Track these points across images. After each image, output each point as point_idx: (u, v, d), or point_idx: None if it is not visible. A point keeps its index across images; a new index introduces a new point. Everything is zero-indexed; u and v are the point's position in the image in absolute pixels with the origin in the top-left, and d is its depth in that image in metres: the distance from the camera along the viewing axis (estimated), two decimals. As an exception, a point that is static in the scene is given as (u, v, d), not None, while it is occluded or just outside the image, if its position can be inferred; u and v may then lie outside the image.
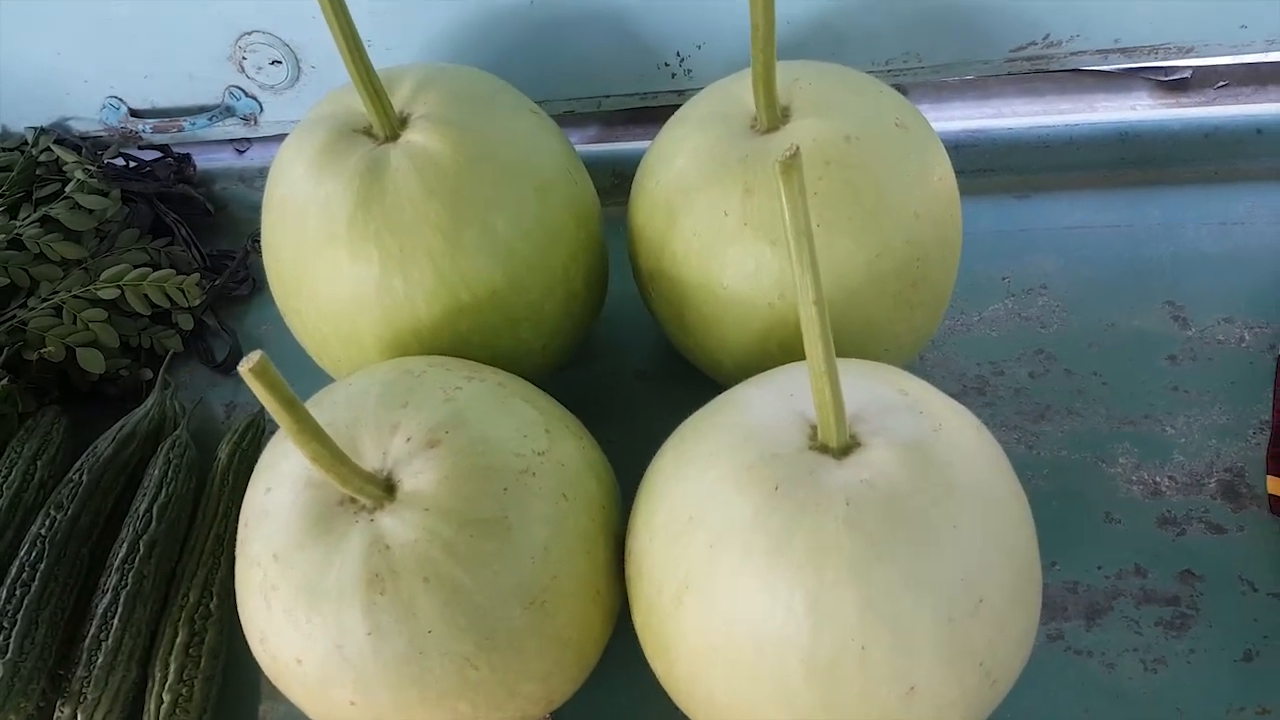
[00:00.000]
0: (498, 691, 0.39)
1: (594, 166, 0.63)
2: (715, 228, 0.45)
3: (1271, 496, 0.49)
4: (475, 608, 0.37)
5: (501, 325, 0.48)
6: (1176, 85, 0.67)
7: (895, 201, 0.45)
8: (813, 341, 0.35)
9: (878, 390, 0.39)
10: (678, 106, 0.51)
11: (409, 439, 0.39)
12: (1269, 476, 0.50)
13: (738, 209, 0.45)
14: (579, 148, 0.66)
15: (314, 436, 0.35)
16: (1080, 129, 0.61)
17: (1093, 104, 0.63)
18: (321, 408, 0.41)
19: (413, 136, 0.46)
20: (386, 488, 0.38)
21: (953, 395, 0.53)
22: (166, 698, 0.47)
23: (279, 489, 0.40)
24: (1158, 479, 0.51)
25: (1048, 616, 0.47)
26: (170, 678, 0.47)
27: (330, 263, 0.46)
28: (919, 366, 0.55)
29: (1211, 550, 0.48)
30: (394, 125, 0.46)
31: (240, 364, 0.32)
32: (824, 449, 0.37)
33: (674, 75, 0.60)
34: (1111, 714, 0.44)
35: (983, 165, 0.61)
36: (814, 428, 0.38)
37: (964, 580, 0.35)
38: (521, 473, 0.39)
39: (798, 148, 0.33)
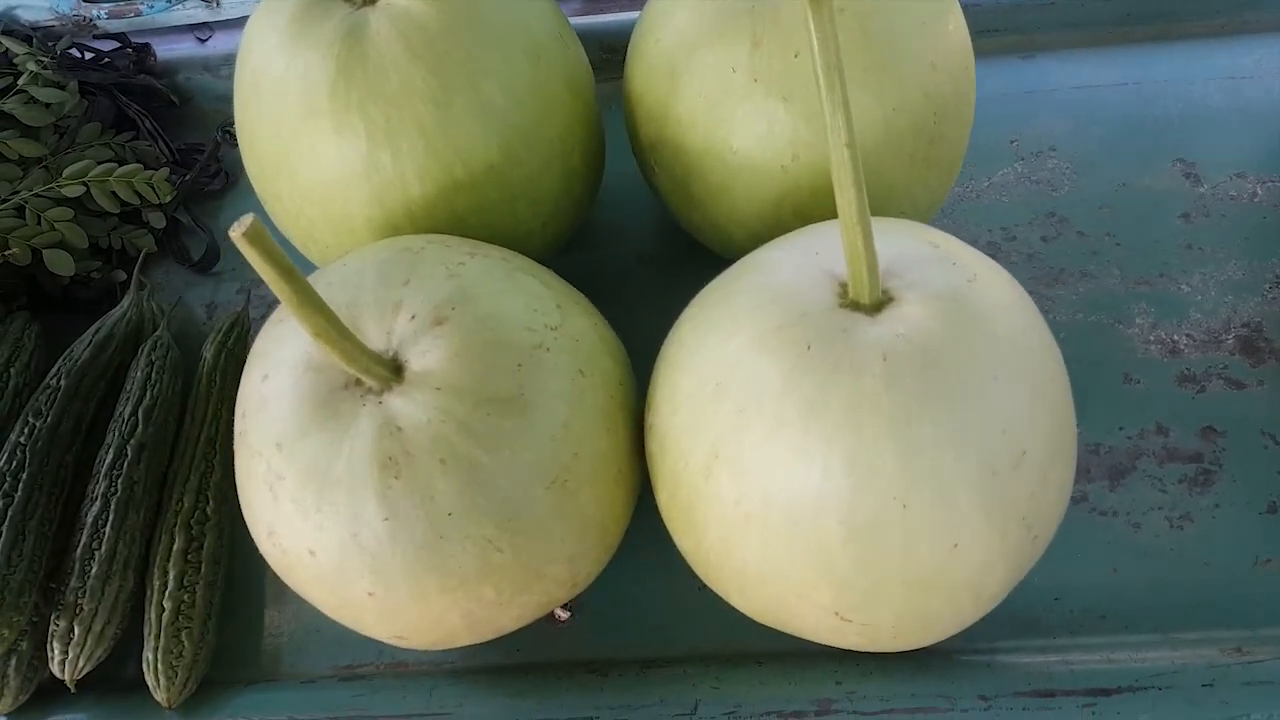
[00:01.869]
0: (522, 574, 0.38)
1: (582, 39, 0.60)
2: (722, 86, 0.43)
3: (1289, 350, 0.49)
4: (496, 488, 0.36)
5: (499, 202, 0.45)
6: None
7: (911, 51, 0.42)
8: (844, 189, 0.33)
9: (908, 244, 0.37)
10: None
11: (413, 317, 0.37)
12: (1287, 330, 0.49)
13: (746, 64, 0.42)
14: (566, 20, 0.63)
15: (316, 309, 0.33)
16: (1088, -17, 0.59)
17: (1097, -42, 0.60)
18: (318, 288, 0.39)
19: (393, -1, 0.43)
20: (393, 369, 0.36)
21: (965, 263, 0.53)
22: (168, 605, 0.45)
23: (277, 375, 0.38)
24: (1175, 337, 0.50)
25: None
26: (170, 585, 0.46)
27: (312, 139, 0.43)
28: (929, 236, 0.54)
29: (1232, 406, 0.48)
30: (371, -14, 0.43)
31: (231, 229, 0.30)
32: (855, 306, 0.35)
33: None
34: (1139, 572, 0.44)
35: (987, 25, 0.58)
36: (843, 285, 0.36)
37: (1005, 432, 0.34)
38: (535, 348, 0.38)
39: (828, -24, 0.30)
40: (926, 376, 0.33)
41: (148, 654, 0.45)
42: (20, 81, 0.56)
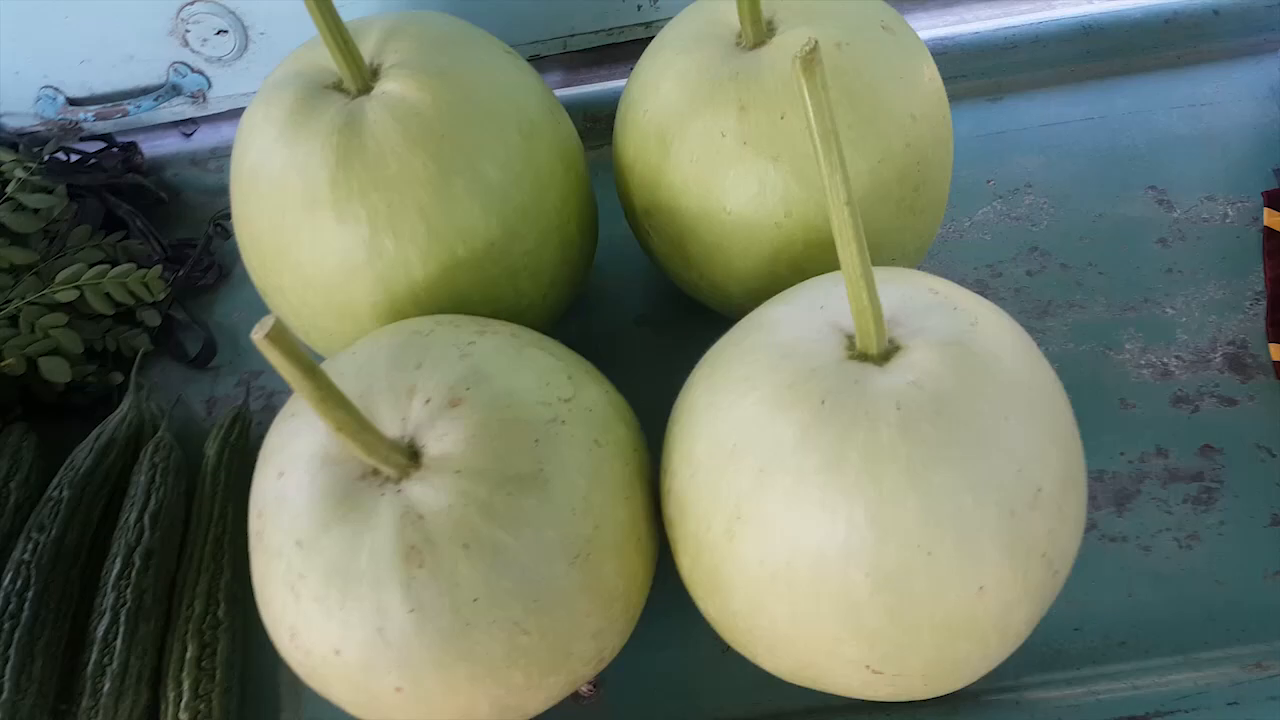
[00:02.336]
0: (549, 655, 0.37)
1: (566, 111, 0.61)
2: (713, 151, 0.44)
3: (1276, 363, 0.50)
4: (521, 568, 0.35)
5: (501, 278, 0.46)
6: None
7: (892, 105, 0.44)
8: (846, 244, 0.34)
9: (908, 292, 0.38)
10: (647, 40, 0.49)
11: (428, 401, 0.37)
12: (1271, 344, 0.50)
13: (735, 129, 0.43)
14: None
15: (338, 404, 0.33)
16: (1044, 26, 0.61)
17: (1051, 1, 0.62)
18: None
19: (387, 86, 0.44)
20: (410, 455, 0.36)
21: (955, 302, 0.54)
22: (184, 717, 0.44)
23: (293, 471, 0.38)
24: (1165, 360, 0.51)
25: (1079, 508, 0.47)
26: (185, 695, 0.44)
27: (314, 229, 0.43)
28: (917, 278, 0.55)
29: (1227, 422, 0.49)
30: (365, 77, 0.44)
31: (253, 331, 0.30)
32: (864, 357, 0.36)
33: (640, 7, 0.58)
34: (1154, 595, 0.45)
35: (954, 72, 0.60)
36: (849, 337, 0.37)
37: (1021, 472, 0.34)
38: (550, 422, 0.38)
39: (816, 41, 0.32)
40: (941, 423, 0.34)
41: (168, 769, 0.44)
42: (9, 189, 0.56)
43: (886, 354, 0.36)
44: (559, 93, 0.63)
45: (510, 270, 0.46)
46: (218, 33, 0.57)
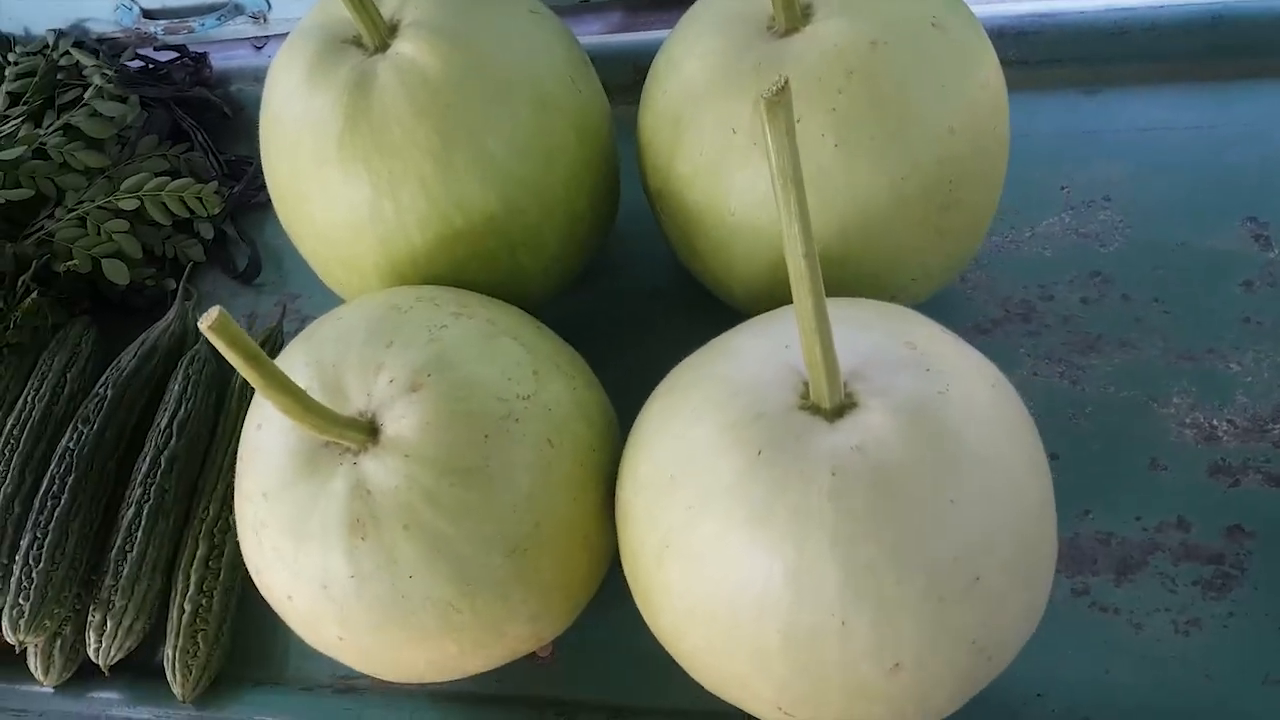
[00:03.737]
0: (483, 634, 0.39)
1: (614, 60, 0.59)
2: (722, 147, 0.41)
3: (1344, 445, 0.45)
4: (456, 555, 0.37)
5: (499, 250, 0.45)
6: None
7: (927, 116, 0.40)
8: (802, 298, 0.32)
9: (882, 343, 0.35)
10: None
11: (392, 381, 0.38)
12: (1345, 423, 0.45)
13: (747, 126, 0.41)
14: (597, 38, 0.61)
15: (281, 389, 0.34)
16: (1165, 11, 0.53)
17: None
18: (312, 342, 0.41)
19: (402, 47, 0.43)
20: (370, 430, 0.38)
21: (994, 321, 0.50)
22: (187, 608, 0.48)
23: (268, 426, 0.40)
24: (1214, 422, 0.46)
25: (1074, 569, 0.44)
26: (190, 589, 0.49)
27: (323, 184, 0.44)
28: (958, 288, 0.51)
29: (1267, 505, 0.44)
30: (383, 34, 0.43)
31: (200, 321, 0.31)
32: (815, 409, 0.34)
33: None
34: (1135, 677, 0.42)
35: (1048, 55, 0.54)
36: (806, 384, 0.35)
37: (957, 559, 0.32)
38: (504, 419, 0.38)
39: (786, 81, 0.29)
40: (874, 496, 0.32)
41: (167, 651, 0.48)
42: (86, 95, 0.59)
43: (840, 409, 0.34)
44: (612, 37, 0.61)
45: (509, 244, 0.45)
46: (279, -45, 0.57)
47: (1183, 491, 0.45)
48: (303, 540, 0.37)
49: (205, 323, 0.31)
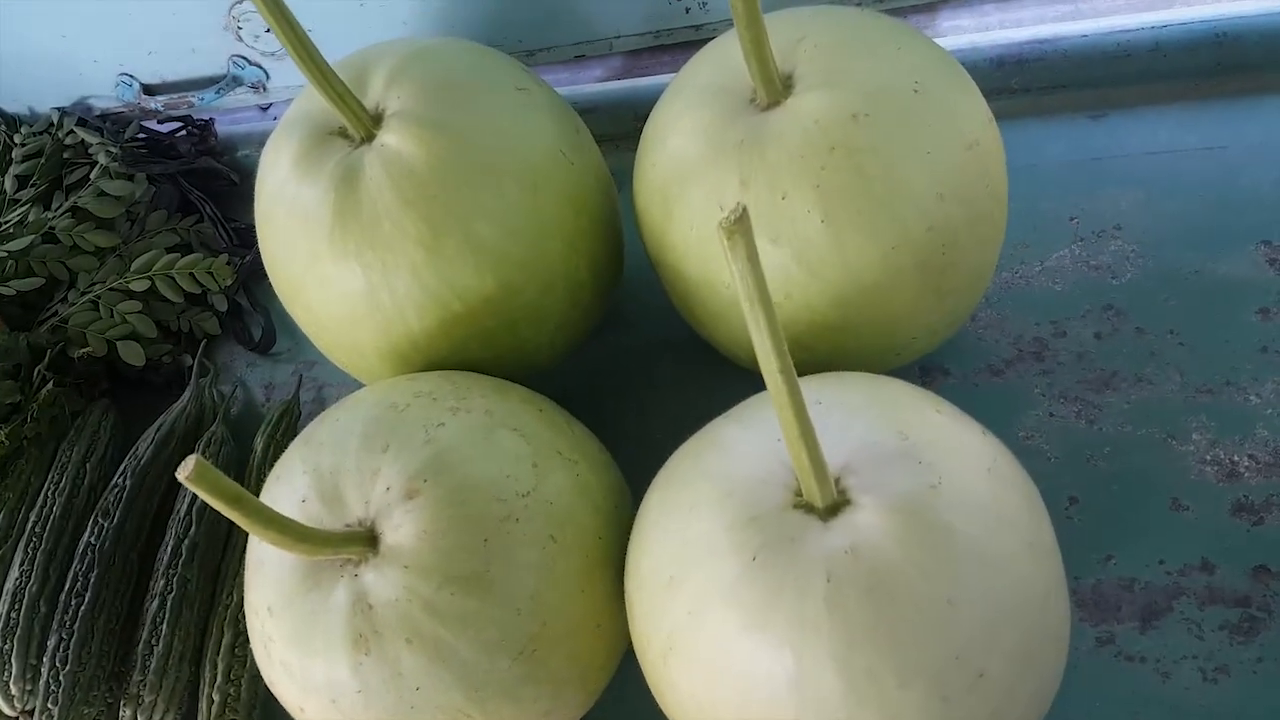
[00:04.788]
0: (498, 730, 0.39)
1: (614, 108, 0.58)
2: (712, 222, 0.41)
3: (1373, 479, 0.43)
4: (461, 663, 0.37)
5: (499, 329, 0.45)
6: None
7: (913, 185, 0.39)
8: (783, 409, 0.31)
9: (873, 435, 0.35)
10: (700, 42, 0.45)
11: (389, 488, 0.38)
12: (1373, 454, 0.44)
13: (733, 204, 0.40)
14: (597, 86, 0.60)
15: (269, 525, 0.34)
16: (1168, 31, 0.51)
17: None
18: (310, 447, 0.41)
19: (387, 139, 0.43)
20: (370, 540, 0.38)
21: (1006, 361, 0.49)
22: (216, 698, 0.49)
23: (269, 538, 0.40)
24: (1235, 458, 0.45)
25: (1098, 618, 0.44)
26: (219, 678, 0.49)
27: (318, 278, 0.44)
28: (969, 329, 0.50)
29: (1293, 545, 0.43)
30: (368, 125, 0.43)
31: (178, 472, 0.31)
32: (809, 508, 0.34)
33: (688, 10, 0.53)
34: (1160, 729, 0.41)
35: (1052, 81, 0.52)
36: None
37: (959, 658, 0.32)
38: (503, 520, 0.38)
39: (744, 209, 0.29)
40: (870, 602, 0.32)
41: (199, 741, 0.49)
42: (92, 175, 0.59)
43: (834, 507, 0.33)
44: (612, 85, 0.60)
45: (509, 321, 0.45)
46: (268, 29, 0.57)
47: (1206, 532, 0.44)
48: (308, 656, 0.37)
49: (183, 474, 0.31)
